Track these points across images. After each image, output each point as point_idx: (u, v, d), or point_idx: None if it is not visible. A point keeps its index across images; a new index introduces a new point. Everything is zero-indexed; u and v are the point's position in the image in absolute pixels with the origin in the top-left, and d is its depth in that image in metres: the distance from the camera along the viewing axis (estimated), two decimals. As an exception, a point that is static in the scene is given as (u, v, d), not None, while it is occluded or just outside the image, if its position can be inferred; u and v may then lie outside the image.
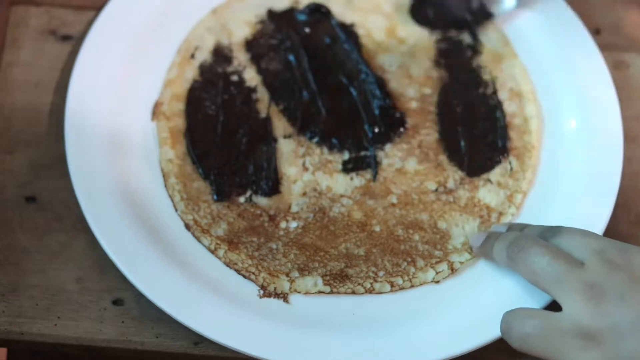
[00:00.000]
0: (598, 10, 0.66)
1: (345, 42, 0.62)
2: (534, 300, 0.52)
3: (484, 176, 0.58)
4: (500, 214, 0.57)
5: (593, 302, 0.44)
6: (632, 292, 0.44)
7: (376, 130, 0.59)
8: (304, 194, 0.57)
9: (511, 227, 0.54)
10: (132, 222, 0.54)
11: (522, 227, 0.53)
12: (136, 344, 0.53)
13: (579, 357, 0.43)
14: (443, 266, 0.55)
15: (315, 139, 0.59)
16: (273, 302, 0.53)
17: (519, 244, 0.49)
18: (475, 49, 0.63)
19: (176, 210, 0.56)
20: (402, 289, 0.54)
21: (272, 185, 0.57)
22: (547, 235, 0.49)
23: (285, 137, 0.59)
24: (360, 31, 0.63)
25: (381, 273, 0.55)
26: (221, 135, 0.59)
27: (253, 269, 0.54)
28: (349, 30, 0.63)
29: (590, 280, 0.45)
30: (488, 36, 0.63)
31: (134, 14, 0.61)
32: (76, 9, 0.63)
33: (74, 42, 0.62)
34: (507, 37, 0.63)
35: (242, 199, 0.57)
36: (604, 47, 0.62)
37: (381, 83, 0.61)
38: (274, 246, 0.55)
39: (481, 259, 0.55)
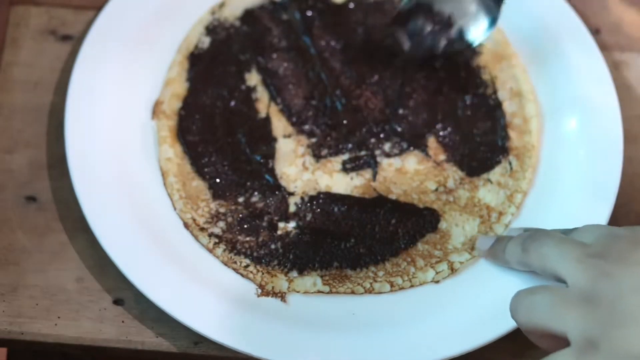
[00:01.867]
0: (598, 10, 0.66)
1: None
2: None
3: (484, 176, 0.58)
4: (500, 213, 0.57)
5: (593, 266, 0.43)
6: (631, 252, 0.43)
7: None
8: (304, 193, 0.57)
9: (526, 230, 0.54)
10: (132, 221, 0.54)
11: (537, 230, 0.53)
12: (136, 343, 0.53)
13: (579, 320, 0.42)
14: (443, 266, 0.55)
15: (314, 139, 0.59)
16: (272, 301, 0.53)
17: (533, 237, 0.49)
18: (475, 49, 0.63)
19: (175, 209, 0.56)
20: (401, 288, 0.54)
21: (272, 184, 0.57)
22: (565, 233, 0.49)
23: (285, 136, 0.59)
24: None
25: (381, 273, 0.55)
26: (220, 135, 0.59)
27: (251, 268, 0.54)
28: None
29: (593, 251, 0.44)
30: (488, 36, 0.63)
31: (134, 13, 0.61)
32: (76, 9, 0.63)
33: (74, 42, 0.62)
34: (507, 37, 0.63)
35: (241, 199, 0.57)
36: (604, 47, 0.62)
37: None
38: (273, 246, 0.55)
39: (481, 259, 0.55)
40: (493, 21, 0.60)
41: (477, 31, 0.60)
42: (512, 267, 0.52)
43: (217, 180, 0.57)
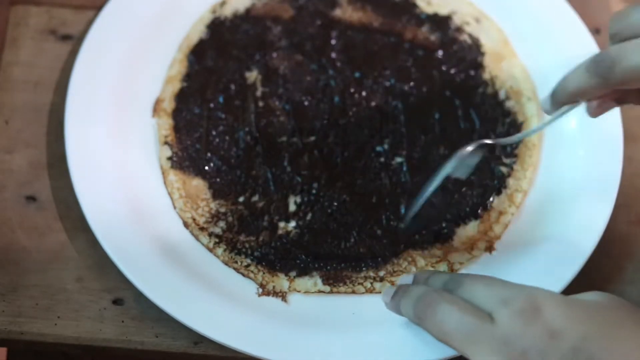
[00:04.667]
0: (598, 10, 0.66)
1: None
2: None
3: (484, 175, 0.58)
4: (500, 213, 0.57)
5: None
6: (552, 349, 0.41)
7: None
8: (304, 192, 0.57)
9: (416, 277, 0.52)
10: (132, 221, 0.54)
11: (428, 275, 0.51)
12: (136, 343, 0.53)
13: None
14: (443, 266, 0.55)
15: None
16: (272, 301, 0.53)
17: (425, 301, 0.46)
18: (478, 49, 0.62)
19: (175, 207, 0.56)
20: (402, 288, 0.54)
21: (271, 184, 0.57)
22: (451, 286, 0.47)
23: (284, 136, 0.59)
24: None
25: (381, 273, 0.55)
26: (220, 134, 0.59)
27: (252, 268, 0.54)
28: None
29: (504, 336, 0.42)
30: (488, 36, 0.63)
31: (134, 13, 0.61)
32: (76, 9, 0.63)
33: (74, 41, 0.62)
34: (507, 37, 0.63)
35: (241, 198, 0.57)
36: (604, 47, 0.61)
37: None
38: (273, 245, 0.55)
39: (481, 257, 0.55)
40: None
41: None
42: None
43: (217, 179, 0.57)
